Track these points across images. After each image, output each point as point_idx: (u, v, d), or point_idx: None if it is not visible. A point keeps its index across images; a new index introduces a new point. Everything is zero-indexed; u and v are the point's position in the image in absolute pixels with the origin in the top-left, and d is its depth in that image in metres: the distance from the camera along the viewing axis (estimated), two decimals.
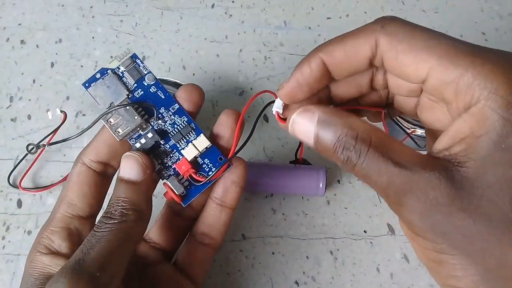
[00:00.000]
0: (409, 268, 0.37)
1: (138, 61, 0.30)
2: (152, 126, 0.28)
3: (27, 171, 0.40)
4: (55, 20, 0.52)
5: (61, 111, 0.40)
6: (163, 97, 0.29)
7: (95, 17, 0.53)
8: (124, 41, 0.50)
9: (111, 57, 0.29)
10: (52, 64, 0.48)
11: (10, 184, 0.40)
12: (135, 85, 0.29)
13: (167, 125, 0.29)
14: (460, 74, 0.19)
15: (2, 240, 0.37)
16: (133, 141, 0.28)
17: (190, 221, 0.32)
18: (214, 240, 0.30)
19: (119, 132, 0.27)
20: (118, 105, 0.28)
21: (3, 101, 0.45)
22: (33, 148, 0.28)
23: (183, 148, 0.28)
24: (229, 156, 0.28)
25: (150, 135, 0.28)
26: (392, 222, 0.39)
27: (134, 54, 0.30)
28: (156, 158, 0.28)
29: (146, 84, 0.29)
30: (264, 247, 0.38)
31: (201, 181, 0.28)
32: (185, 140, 0.29)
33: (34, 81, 0.47)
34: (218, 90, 0.47)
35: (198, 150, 0.28)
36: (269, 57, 0.50)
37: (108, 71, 0.29)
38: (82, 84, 0.29)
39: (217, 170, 0.28)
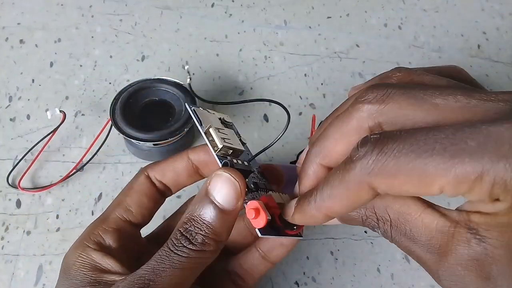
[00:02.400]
0: (410, 269, 0.37)
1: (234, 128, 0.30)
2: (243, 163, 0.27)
3: (26, 171, 0.40)
4: (54, 20, 0.52)
5: (60, 111, 0.40)
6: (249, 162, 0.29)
7: (94, 17, 0.52)
8: (124, 41, 0.50)
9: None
10: (51, 64, 0.48)
11: (9, 184, 0.39)
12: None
13: (255, 173, 0.28)
14: (476, 181, 0.17)
15: (1, 240, 0.37)
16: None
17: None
18: (245, 284, 0.30)
19: (223, 140, 0.26)
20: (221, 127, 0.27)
21: (2, 100, 0.45)
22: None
23: (268, 191, 0.27)
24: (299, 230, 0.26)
25: (246, 163, 0.27)
26: None
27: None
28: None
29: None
30: None
31: (280, 226, 0.25)
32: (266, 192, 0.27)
33: (33, 80, 0.47)
34: (218, 90, 0.47)
35: (284, 201, 0.26)
36: (269, 57, 0.50)
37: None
38: (188, 105, 0.28)
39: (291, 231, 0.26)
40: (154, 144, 0.39)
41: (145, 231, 0.30)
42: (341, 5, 0.56)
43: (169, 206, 0.39)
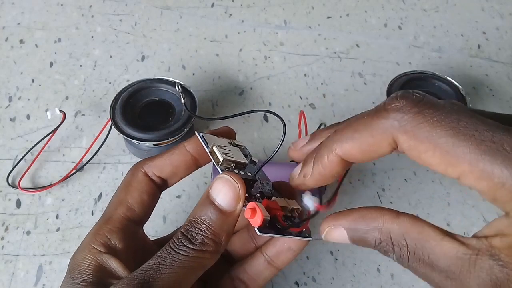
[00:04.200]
0: None
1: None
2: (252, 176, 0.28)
3: (26, 171, 0.40)
4: (54, 20, 0.52)
5: (60, 111, 0.40)
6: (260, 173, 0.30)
7: (94, 17, 0.52)
8: (124, 41, 0.50)
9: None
10: (51, 64, 0.48)
11: (9, 184, 0.39)
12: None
13: (261, 184, 0.29)
14: (498, 184, 0.18)
15: (1, 240, 0.37)
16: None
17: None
18: None
19: (225, 155, 0.27)
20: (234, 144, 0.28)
21: (2, 100, 0.45)
22: None
23: (270, 198, 0.27)
24: (304, 227, 0.27)
25: (249, 173, 0.28)
26: None
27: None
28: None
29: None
30: None
31: (284, 226, 0.26)
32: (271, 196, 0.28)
33: (33, 80, 0.47)
34: (218, 90, 0.47)
35: (289, 205, 0.27)
36: (269, 57, 0.50)
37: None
38: (197, 132, 0.28)
39: (297, 227, 0.26)
40: (154, 144, 0.39)
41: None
42: (341, 5, 0.56)
43: (169, 206, 0.39)
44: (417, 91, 0.20)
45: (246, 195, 0.26)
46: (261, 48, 0.51)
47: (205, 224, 0.24)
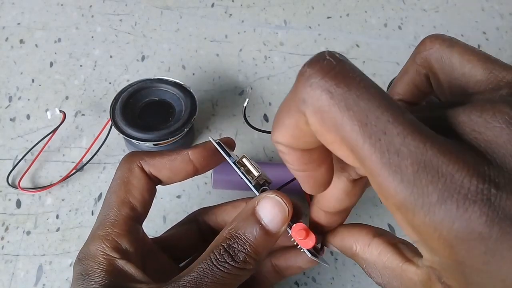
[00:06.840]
0: None
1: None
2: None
3: (26, 171, 0.40)
4: (54, 20, 0.52)
5: (60, 111, 0.40)
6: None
7: (94, 17, 0.52)
8: (124, 41, 0.50)
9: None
10: (51, 64, 0.48)
11: (9, 184, 0.39)
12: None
13: None
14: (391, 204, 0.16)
15: (1, 240, 0.37)
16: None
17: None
18: None
19: (258, 168, 0.26)
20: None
21: (2, 101, 0.45)
22: None
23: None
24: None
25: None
26: (393, 222, 0.39)
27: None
28: None
29: None
30: None
31: (317, 249, 0.26)
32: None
33: (33, 80, 0.47)
34: (218, 90, 0.47)
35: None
36: (269, 57, 0.50)
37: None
38: (212, 139, 0.28)
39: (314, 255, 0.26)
40: (154, 144, 0.39)
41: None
42: (341, 5, 0.56)
43: (169, 206, 0.39)
44: (334, 52, 0.16)
45: None
46: (261, 48, 0.51)
47: (248, 243, 0.24)
